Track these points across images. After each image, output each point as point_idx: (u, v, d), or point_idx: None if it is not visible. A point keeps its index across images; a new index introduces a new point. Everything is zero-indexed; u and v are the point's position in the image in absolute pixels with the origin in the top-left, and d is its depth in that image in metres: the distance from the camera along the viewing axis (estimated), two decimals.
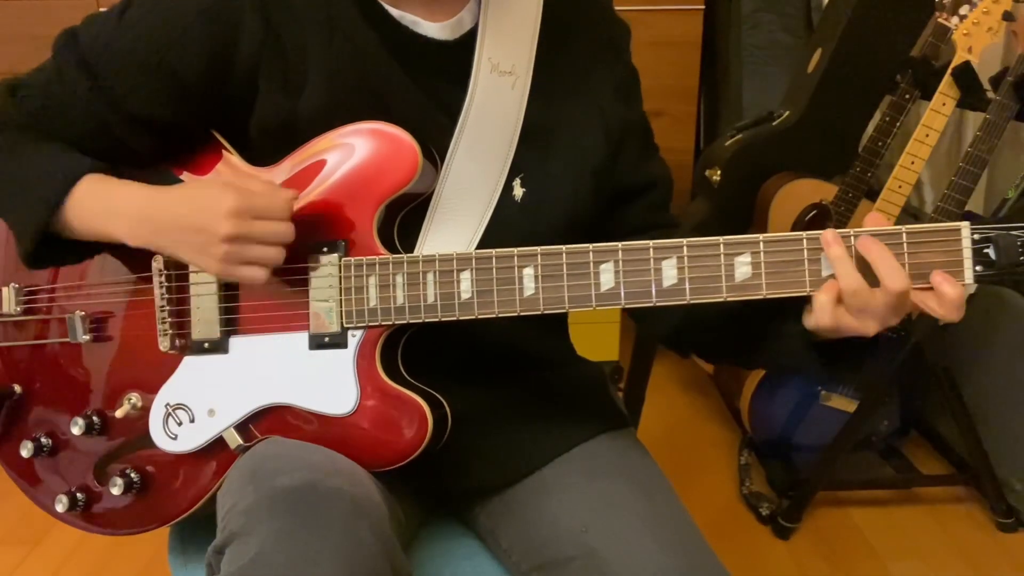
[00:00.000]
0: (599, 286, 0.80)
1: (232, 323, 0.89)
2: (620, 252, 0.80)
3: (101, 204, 0.85)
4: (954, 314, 0.75)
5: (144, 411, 0.91)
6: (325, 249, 0.85)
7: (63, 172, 0.85)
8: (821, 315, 0.77)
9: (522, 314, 0.82)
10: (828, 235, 0.76)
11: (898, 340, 1.84)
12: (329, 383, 0.85)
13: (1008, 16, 1.61)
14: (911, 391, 2.02)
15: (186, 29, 0.85)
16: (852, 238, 0.77)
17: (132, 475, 0.92)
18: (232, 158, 0.91)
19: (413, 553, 0.95)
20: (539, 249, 0.81)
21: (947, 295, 0.74)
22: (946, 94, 1.66)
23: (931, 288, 0.75)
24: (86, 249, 0.89)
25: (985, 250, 0.75)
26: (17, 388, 0.97)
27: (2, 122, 0.89)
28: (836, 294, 0.76)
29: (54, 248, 0.88)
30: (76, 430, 0.93)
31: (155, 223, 0.84)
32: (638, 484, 0.93)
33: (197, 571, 0.94)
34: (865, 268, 0.76)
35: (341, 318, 0.85)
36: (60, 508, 0.94)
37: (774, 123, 2.16)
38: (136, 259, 0.90)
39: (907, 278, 0.74)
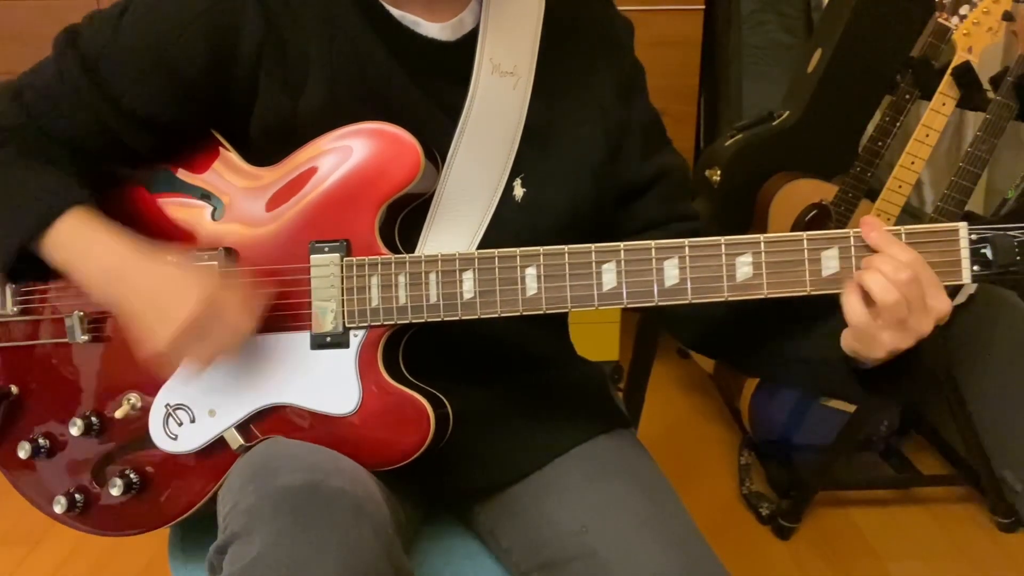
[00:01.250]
0: (601, 286, 0.81)
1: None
2: (622, 252, 0.80)
3: (81, 242, 0.84)
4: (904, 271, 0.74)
5: (144, 411, 0.90)
6: (327, 249, 0.85)
7: (51, 201, 0.84)
8: (853, 318, 0.76)
9: (524, 314, 0.82)
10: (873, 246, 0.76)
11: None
12: (331, 383, 0.85)
13: (1008, 16, 1.61)
14: None
15: (186, 28, 0.85)
16: (852, 239, 0.77)
17: (132, 476, 0.92)
18: (232, 157, 0.91)
19: (414, 553, 0.95)
20: (541, 249, 0.81)
21: (899, 257, 0.74)
22: (946, 94, 1.66)
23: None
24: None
25: (982, 250, 0.75)
26: (14, 389, 0.97)
27: (3, 130, 0.88)
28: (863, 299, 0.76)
29: (32, 265, 0.87)
30: (75, 431, 0.92)
31: (125, 282, 0.83)
32: (638, 484, 0.93)
33: (197, 571, 0.94)
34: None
35: (343, 318, 0.85)
36: (58, 509, 0.94)
37: (774, 123, 2.16)
38: None
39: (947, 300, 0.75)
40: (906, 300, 0.74)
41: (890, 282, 0.74)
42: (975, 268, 0.75)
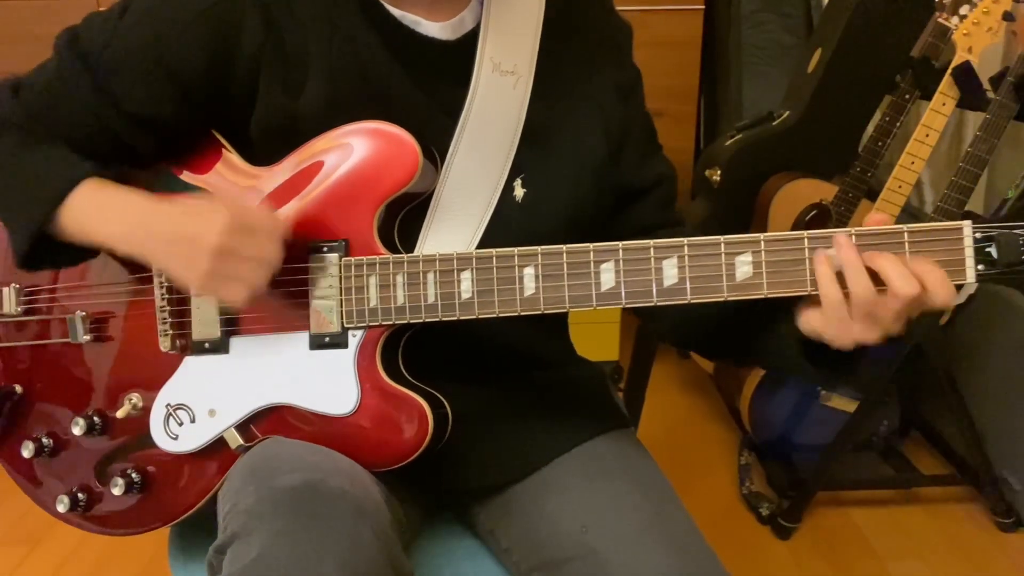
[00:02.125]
0: (600, 286, 0.80)
1: (232, 323, 0.89)
2: (621, 252, 0.80)
3: (97, 208, 0.85)
4: (946, 294, 0.74)
5: (145, 411, 0.91)
6: (325, 249, 0.85)
7: (62, 175, 0.85)
8: (830, 314, 0.76)
9: (523, 314, 0.82)
10: (841, 238, 0.76)
11: (898, 340, 1.83)
12: (330, 383, 0.85)
13: (1008, 16, 1.61)
14: (911, 391, 2.02)
15: (186, 29, 0.85)
16: (853, 237, 0.77)
17: (133, 475, 0.92)
18: (232, 157, 0.91)
19: (414, 553, 0.95)
20: (539, 249, 0.81)
21: (931, 280, 0.74)
22: (946, 94, 1.66)
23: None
24: (81, 254, 0.88)
25: (987, 249, 0.75)
26: (18, 388, 0.97)
27: (3, 122, 0.89)
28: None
29: (49, 250, 0.87)
30: (77, 430, 0.93)
31: (147, 229, 0.83)
32: (638, 484, 0.93)
33: (197, 571, 0.94)
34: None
35: (342, 318, 0.85)
36: (61, 508, 0.94)
37: (774, 123, 2.16)
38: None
39: (917, 283, 0.74)
40: (879, 317, 0.75)
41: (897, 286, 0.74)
42: (979, 267, 0.75)
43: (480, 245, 0.89)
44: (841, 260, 0.76)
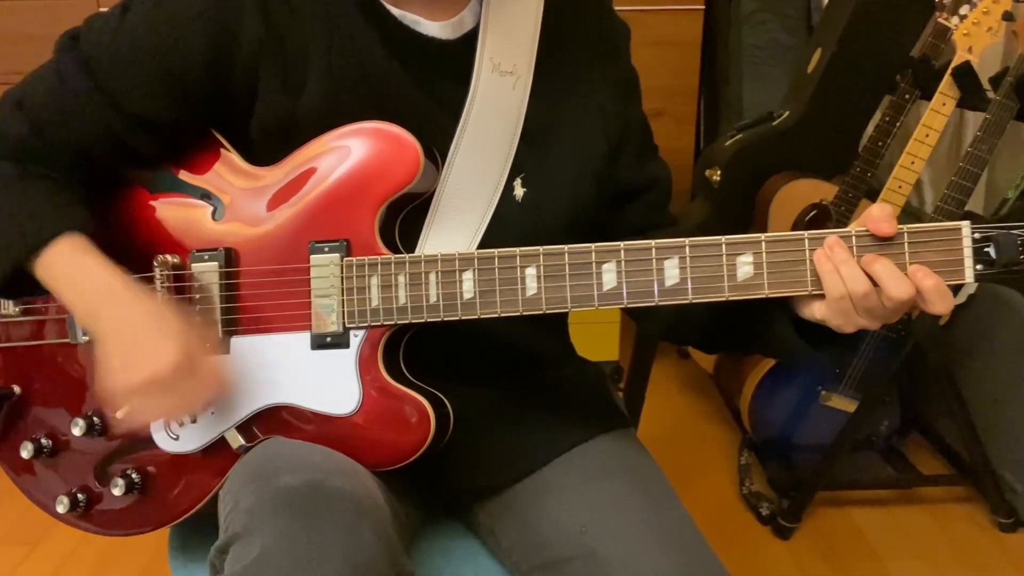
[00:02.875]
0: (601, 286, 0.80)
1: (233, 323, 0.89)
2: (622, 252, 0.80)
3: (63, 274, 0.85)
4: (941, 305, 0.75)
5: None
6: (326, 249, 0.85)
7: (43, 225, 0.84)
8: (834, 307, 0.77)
9: (524, 314, 0.82)
10: (831, 239, 0.77)
11: (898, 340, 1.84)
12: (331, 383, 0.85)
13: (1008, 16, 1.62)
14: (911, 391, 2.02)
15: (186, 29, 0.85)
16: (854, 239, 0.77)
17: (133, 476, 0.92)
18: (232, 157, 0.91)
19: (414, 553, 0.95)
20: (541, 249, 0.81)
21: (927, 288, 0.75)
22: (946, 94, 1.66)
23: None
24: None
25: (986, 249, 0.75)
26: (17, 389, 0.97)
27: (6, 140, 0.88)
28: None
29: (25, 284, 0.87)
30: (77, 431, 0.92)
31: (101, 323, 0.83)
32: (638, 484, 0.93)
33: (197, 571, 0.94)
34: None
35: (343, 318, 0.85)
36: (61, 509, 0.94)
37: (774, 123, 2.16)
38: (136, 259, 0.90)
39: (912, 286, 0.75)
40: (877, 312, 0.76)
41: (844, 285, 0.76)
42: (978, 267, 0.75)
43: (481, 245, 0.89)
44: (835, 260, 0.76)
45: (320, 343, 0.86)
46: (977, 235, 0.75)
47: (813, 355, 0.86)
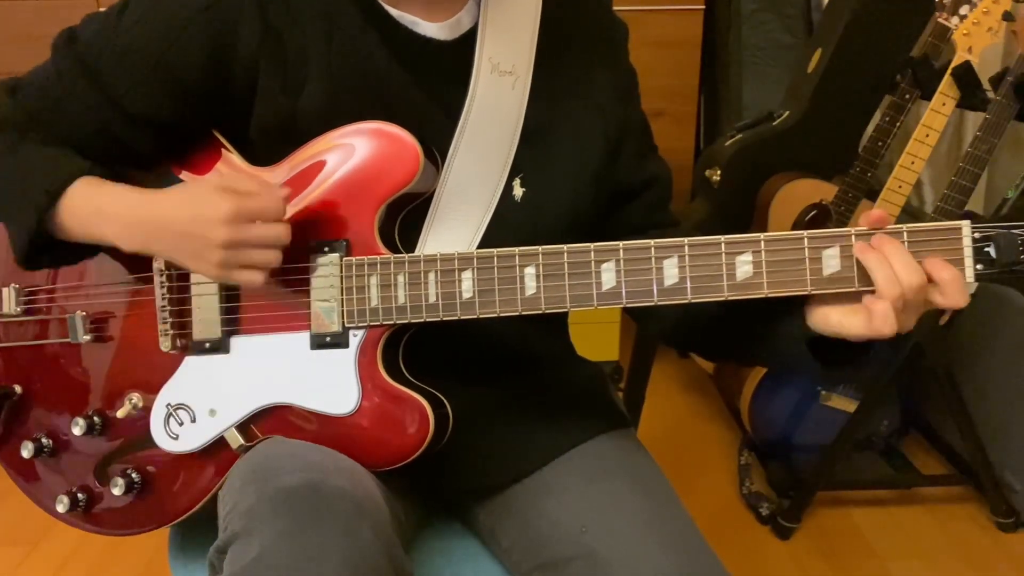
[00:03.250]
0: (600, 285, 0.80)
1: (233, 323, 0.89)
2: (621, 251, 0.80)
3: (92, 206, 0.85)
4: (959, 298, 0.74)
5: (145, 411, 0.91)
6: (326, 249, 0.85)
7: (58, 173, 0.85)
8: (885, 323, 0.75)
9: (523, 313, 0.82)
10: (884, 238, 0.76)
11: (898, 340, 1.83)
12: (330, 383, 0.85)
13: (1008, 16, 1.61)
14: (911, 391, 2.02)
15: (184, 29, 0.85)
16: (853, 238, 0.77)
17: (133, 475, 0.92)
18: (232, 157, 0.91)
19: (414, 553, 0.95)
20: (540, 248, 0.81)
21: (945, 280, 0.74)
22: (946, 94, 1.66)
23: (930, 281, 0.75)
24: (81, 250, 0.89)
25: (986, 248, 0.75)
26: (18, 388, 0.97)
27: (2, 123, 0.89)
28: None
29: (49, 248, 0.87)
30: (77, 430, 0.92)
31: (148, 227, 0.83)
32: (638, 484, 0.93)
33: (197, 571, 0.94)
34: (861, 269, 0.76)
35: (342, 318, 0.85)
36: (61, 508, 0.94)
37: (774, 123, 2.16)
38: (136, 259, 0.90)
39: (922, 272, 0.74)
40: (904, 300, 0.75)
41: (898, 278, 0.74)
42: (978, 267, 0.75)
43: (481, 245, 0.89)
44: (886, 251, 0.75)
45: (319, 343, 0.86)
46: (977, 235, 0.75)
47: (821, 371, 0.85)
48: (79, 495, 0.94)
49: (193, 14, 0.85)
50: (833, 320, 0.79)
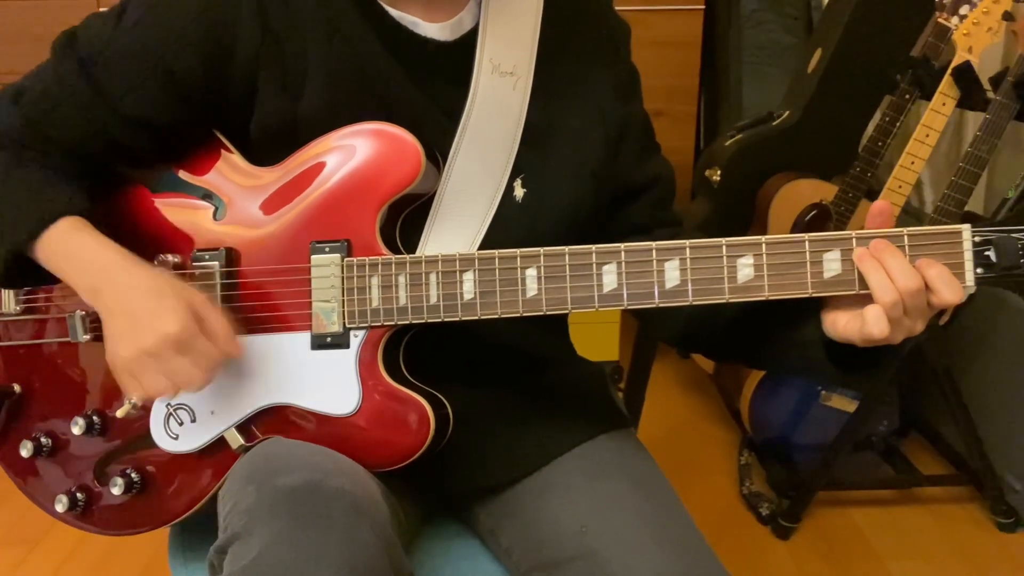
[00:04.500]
0: (602, 287, 0.80)
1: (233, 323, 0.88)
2: (623, 253, 0.80)
3: (64, 253, 0.84)
4: (949, 294, 0.74)
5: (145, 411, 0.90)
6: (327, 249, 0.85)
7: (41, 209, 0.84)
8: (876, 326, 0.75)
9: (524, 315, 0.82)
10: (881, 243, 0.76)
11: (905, 344, 1.83)
12: (331, 383, 0.85)
13: (1008, 16, 1.62)
14: (911, 391, 2.02)
15: (183, 31, 0.85)
16: (854, 241, 0.77)
17: (133, 475, 0.92)
18: (233, 158, 0.91)
19: (414, 553, 0.95)
20: (542, 250, 0.81)
21: (932, 277, 0.74)
22: (946, 94, 1.66)
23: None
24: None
25: (986, 252, 0.75)
26: (17, 388, 0.97)
27: (2, 135, 0.88)
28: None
29: (28, 271, 0.86)
30: (76, 430, 0.92)
31: (102, 297, 0.83)
32: (638, 484, 0.93)
33: (197, 571, 0.94)
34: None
35: (343, 318, 0.85)
36: (60, 508, 0.94)
37: (774, 123, 2.16)
38: None
39: (919, 276, 0.74)
40: (903, 305, 0.75)
41: (893, 284, 0.74)
42: (978, 271, 0.75)
43: (482, 246, 0.89)
44: (883, 258, 0.75)
45: (320, 343, 0.86)
46: (978, 239, 0.75)
47: (835, 375, 0.84)
48: (78, 495, 0.94)
49: (192, 16, 0.85)
50: (840, 325, 0.79)
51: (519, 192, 0.92)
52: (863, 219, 0.79)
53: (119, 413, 0.91)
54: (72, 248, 0.84)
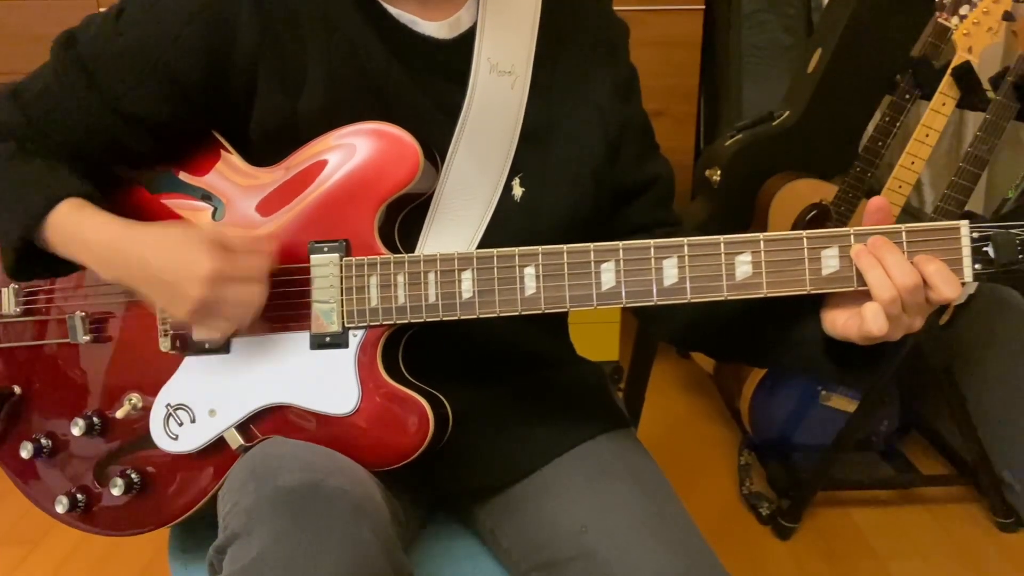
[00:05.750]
0: (600, 285, 0.81)
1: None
2: (621, 251, 0.80)
3: (75, 231, 0.84)
4: (947, 290, 0.74)
5: (145, 411, 0.91)
6: (326, 249, 0.85)
7: (45, 192, 0.84)
8: (874, 323, 0.75)
9: (523, 313, 0.82)
10: (878, 240, 0.76)
11: (904, 341, 1.83)
12: (330, 383, 0.85)
13: (1008, 16, 1.62)
14: (911, 391, 2.02)
15: (182, 30, 0.85)
16: (852, 238, 0.77)
17: (133, 476, 0.92)
18: (232, 158, 0.91)
19: (413, 553, 0.95)
20: (540, 248, 0.81)
21: (930, 273, 0.74)
22: (946, 94, 1.66)
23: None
24: (71, 264, 0.88)
25: (984, 248, 0.75)
26: (17, 389, 0.97)
27: (3, 127, 0.88)
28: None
29: (41, 261, 0.87)
30: (76, 431, 0.92)
31: (125, 263, 0.83)
32: (638, 484, 0.93)
33: (197, 571, 0.94)
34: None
35: (342, 318, 0.85)
36: (60, 509, 0.94)
37: (774, 123, 2.16)
38: None
39: (916, 273, 0.74)
40: (902, 302, 0.75)
41: (891, 280, 0.74)
42: (976, 266, 0.75)
43: (480, 245, 0.89)
44: (880, 254, 0.75)
45: (319, 343, 0.86)
46: (976, 234, 0.75)
47: (834, 373, 0.84)
48: (78, 496, 0.94)
49: (191, 16, 0.85)
50: (839, 323, 0.79)
51: (517, 191, 0.92)
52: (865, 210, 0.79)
53: (119, 414, 0.91)
54: (78, 228, 0.84)
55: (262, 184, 0.89)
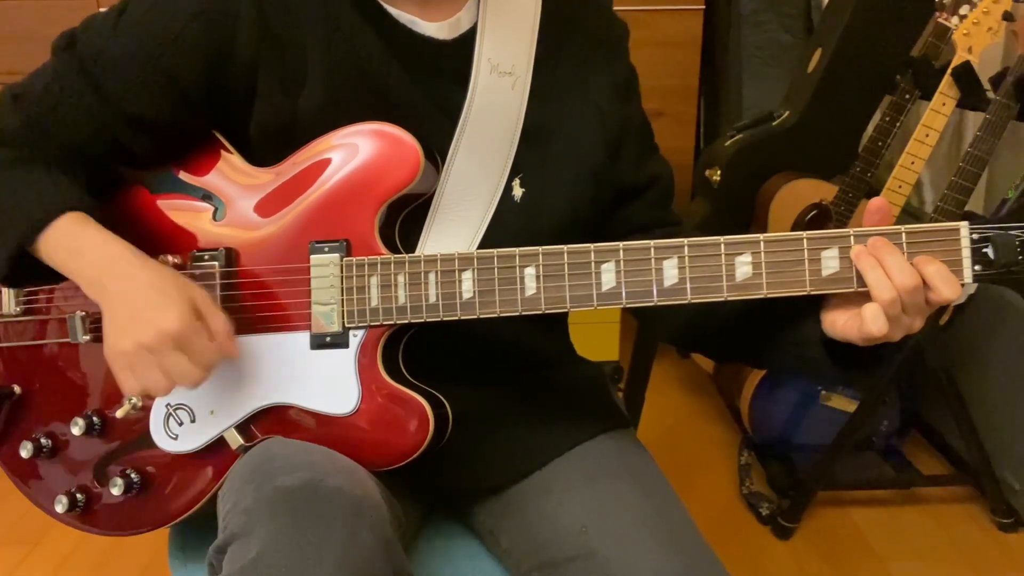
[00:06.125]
0: (600, 286, 0.81)
1: (233, 323, 0.88)
2: (621, 252, 0.80)
3: (69, 247, 0.84)
4: (946, 290, 0.74)
5: (144, 411, 0.90)
6: (327, 249, 0.85)
7: (44, 204, 0.84)
8: (874, 324, 0.75)
9: (523, 314, 0.82)
10: (878, 241, 0.76)
11: (904, 342, 1.83)
12: (330, 383, 0.85)
13: (1008, 16, 1.62)
14: (911, 391, 2.02)
15: (182, 30, 0.85)
16: (852, 239, 0.77)
17: (132, 475, 0.92)
18: (233, 158, 0.91)
19: (413, 553, 0.95)
20: (540, 249, 0.81)
21: (930, 274, 0.74)
22: (946, 94, 1.66)
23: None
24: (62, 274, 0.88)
25: (984, 249, 0.75)
26: (17, 388, 0.97)
27: (3, 133, 0.88)
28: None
29: (33, 268, 0.86)
30: (76, 430, 0.92)
31: (107, 291, 0.82)
32: (638, 484, 0.93)
33: (197, 571, 0.94)
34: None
35: (342, 318, 0.85)
36: (60, 509, 0.94)
37: (774, 123, 2.16)
38: None
39: (916, 273, 0.74)
40: (902, 302, 0.75)
41: (891, 281, 0.74)
42: (976, 268, 0.75)
43: (481, 245, 0.89)
44: (880, 255, 0.75)
45: (319, 343, 0.86)
46: (975, 236, 0.75)
47: (833, 373, 0.84)
48: (78, 495, 0.94)
49: (190, 17, 0.85)
50: (839, 324, 0.79)
51: (518, 192, 0.92)
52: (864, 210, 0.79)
53: (119, 413, 0.91)
54: (76, 243, 0.84)
55: (262, 184, 0.89)
